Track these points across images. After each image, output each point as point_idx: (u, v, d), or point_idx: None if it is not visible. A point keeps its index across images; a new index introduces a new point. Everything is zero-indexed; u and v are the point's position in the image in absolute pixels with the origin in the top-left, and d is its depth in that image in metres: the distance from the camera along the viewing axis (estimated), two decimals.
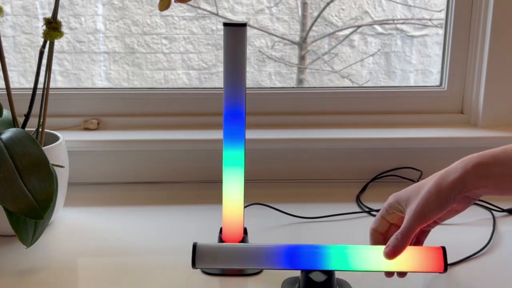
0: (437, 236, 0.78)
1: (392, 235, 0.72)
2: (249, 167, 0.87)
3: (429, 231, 0.78)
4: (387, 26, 1.83)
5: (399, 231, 0.71)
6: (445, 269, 0.72)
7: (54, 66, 1.76)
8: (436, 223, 0.76)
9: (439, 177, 0.70)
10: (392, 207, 0.75)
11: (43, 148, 0.82)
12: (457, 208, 0.72)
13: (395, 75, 1.86)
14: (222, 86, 0.75)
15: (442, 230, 0.87)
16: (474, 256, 0.84)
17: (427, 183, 0.71)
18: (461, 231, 0.92)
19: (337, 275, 0.74)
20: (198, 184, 1.12)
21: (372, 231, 0.77)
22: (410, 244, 0.76)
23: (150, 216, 0.99)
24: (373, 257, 0.72)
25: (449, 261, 0.74)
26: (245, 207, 0.81)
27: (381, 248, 0.72)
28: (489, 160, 0.67)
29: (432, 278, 0.79)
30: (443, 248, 0.73)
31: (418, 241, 0.77)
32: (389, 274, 0.74)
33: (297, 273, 0.75)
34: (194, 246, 0.72)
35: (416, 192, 0.71)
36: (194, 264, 0.72)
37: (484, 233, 0.91)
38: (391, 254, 0.70)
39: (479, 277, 0.80)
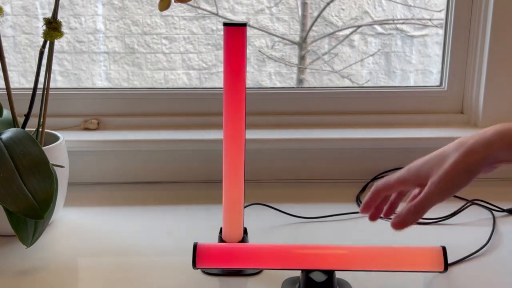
0: (437, 235, 0.79)
1: (395, 203, 0.68)
2: (249, 167, 0.87)
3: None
4: (387, 26, 1.83)
5: (415, 202, 0.65)
6: (446, 269, 0.72)
7: (54, 66, 1.76)
8: None
9: (467, 149, 0.64)
10: (409, 181, 0.69)
11: (43, 148, 0.82)
12: (479, 175, 0.66)
13: (395, 75, 1.86)
14: (222, 86, 0.75)
15: (442, 229, 0.88)
16: (473, 256, 0.84)
17: (451, 155, 0.65)
18: (461, 231, 0.92)
19: (337, 275, 0.74)
20: (198, 184, 1.12)
21: (376, 190, 0.72)
22: (390, 209, 0.73)
23: (150, 216, 0.99)
24: (374, 257, 0.72)
25: (448, 261, 0.74)
26: (245, 207, 0.81)
27: (381, 248, 0.73)
28: None
29: (431, 278, 0.78)
30: (444, 248, 0.73)
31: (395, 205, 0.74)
32: (371, 214, 0.69)
33: (297, 273, 0.75)
34: (195, 246, 0.72)
35: (439, 164, 0.65)
36: (194, 265, 0.72)
37: (484, 233, 0.91)
38: (400, 225, 0.65)
39: (478, 277, 0.80)
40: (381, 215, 0.74)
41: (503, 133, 0.64)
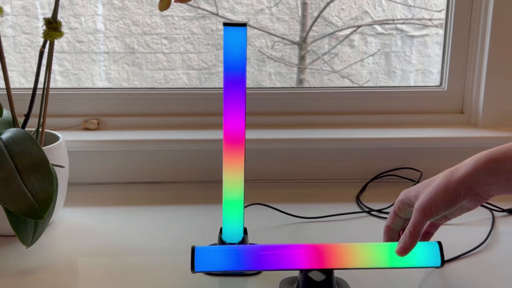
0: (436, 234, 0.79)
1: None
2: (249, 167, 0.87)
3: (439, 225, 0.78)
4: (387, 26, 1.83)
5: (407, 227, 0.71)
6: (442, 264, 0.73)
7: (54, 66, 1.76)
8: (447, 218, 0.76)
9: (448, 172, 0.70)
10: (403, 203, 0.75)
11: (43, 148, 0.82)
12: (468, 205, 0.71)
13: (395, 75, 1.86)
14: (222, 86, 0.75)
15: (442, 229, 0.87)
16: (470, 253, 0.85)
17: (437, 178, 0.71)
18: (461, 230, 0.92)
19: (336, 274, 0.74)
20: (198, 184, 1.12)
21: (386, 228, 0.78)
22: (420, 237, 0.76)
23: (150, 216, 0.99)
24: (371, 255, 0.73)
25: (446, 258, 0.74)
26: (245, 207, 0.81)
27: (378, 246, 0.73)
28: (501, 156, 0.66)
29: (428, 273, 0.79)
30: (439, 243, 0.74)
31: (428, 233, 0.78)
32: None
33: (295, 273, 0.75)
34: (193, 250, 0.72)
35: (425, 187, 0.71)
36: (193, 269, 0.72)
37: (483, 232, 0.92)
38: (402, 251, 0.71)
39: (475, 274, 0.80)
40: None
41: (482, 160, 0.68)
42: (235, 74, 0.74)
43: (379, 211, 1.00)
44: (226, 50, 0.73)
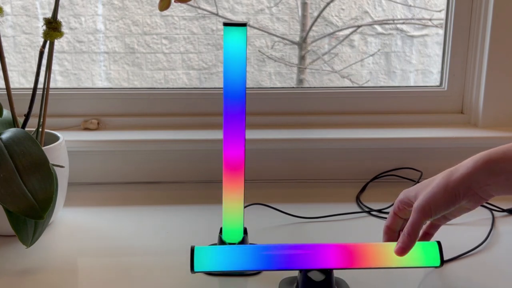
0: (436, 234, 0.79)
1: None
2: (249, 167, 0.87)
3: (439, 225, 0.78)
4: (387, 26, 1.83)
5: (405, 227, 0.71)
6: (441, 263, 0.73)
7: (54, 66, 1.76)
8: (446, 219, 0.76)
9: (448, 172, 0.70)
10: (402, 203, 0.75)
11: (43, 148, 0.82)
12: (467, 205, 0.71)
13: (395, 75, 1.86)
14: (222, 86, 0.75)
15: (441, 228, 0.88)
16: (469, 253, 0.85)
17: (436, 178, 0.71)
18: (461, 230, 0.92)
19: (335, 274, 0.74)
20: (198, 184, 1.12)
21: (385, 228, 0.78)
22: (419, 238, 0.76)
23: (150, 216, 0.99)
24: (371, 255, 0.73)
25: (446, 258, 0.74)
26: (245, 207, 0.81)
27: (377, 245, 0.73)
28: (501, 156, 0.66)
29: (428, 273, 0.79)
30: (439, 243, 0.74)
31: (428, 234, 0.78)
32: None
33: (294, 273, 0.75)
34: (192, 250, 0.72)
35: (425, 187, 0.71)
36: (192, 269, 0.72)
37: (483, 232, 0.92)
38: (401, 251, 0.71)
39: (474, 274, 0.80)
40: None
41: (481, 160, 0.68)
42: (235, 74, 0.74)
43: (379, 211, 1.00)
44: (226, 50, 0.73)
